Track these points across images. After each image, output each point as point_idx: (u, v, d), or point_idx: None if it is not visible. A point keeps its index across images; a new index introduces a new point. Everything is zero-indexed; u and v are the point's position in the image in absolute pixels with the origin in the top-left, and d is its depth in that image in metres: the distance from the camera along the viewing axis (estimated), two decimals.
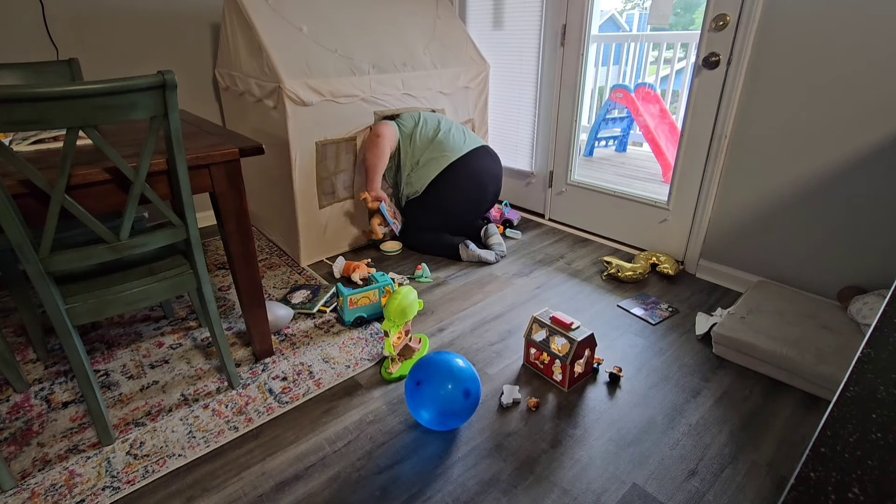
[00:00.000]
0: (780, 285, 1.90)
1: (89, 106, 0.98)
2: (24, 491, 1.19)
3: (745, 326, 1.63)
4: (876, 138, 1.61)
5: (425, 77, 2.39)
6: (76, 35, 2.19)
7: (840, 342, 1.54)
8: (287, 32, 2.10)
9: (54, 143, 1.38)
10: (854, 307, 1.65)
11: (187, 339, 1.76)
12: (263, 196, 2.47)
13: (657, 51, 3.72)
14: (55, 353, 1.69)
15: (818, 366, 1.45)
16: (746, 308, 1.72)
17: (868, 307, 1.61)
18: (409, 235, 2.40)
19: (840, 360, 1.46)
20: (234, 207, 1.40)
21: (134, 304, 1.26)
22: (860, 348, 0.50)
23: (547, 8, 2.47)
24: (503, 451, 1.31)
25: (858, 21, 1.56)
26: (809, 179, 1.78)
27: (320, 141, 2.11)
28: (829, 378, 1.43)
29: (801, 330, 1.60)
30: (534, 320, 1.57)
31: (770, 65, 1.77)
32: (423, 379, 1.30)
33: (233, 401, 1.47)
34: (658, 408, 1.45)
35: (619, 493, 1.19)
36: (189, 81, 2.55)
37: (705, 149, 2.02)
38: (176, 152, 1.16)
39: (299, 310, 1.91)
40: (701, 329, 1.72)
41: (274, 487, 1.21)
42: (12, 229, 1.03)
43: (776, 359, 1.52)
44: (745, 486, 1.20)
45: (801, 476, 0.36)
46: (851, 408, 0.42)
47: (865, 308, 1.61)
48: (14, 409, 1.45)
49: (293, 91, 1.97)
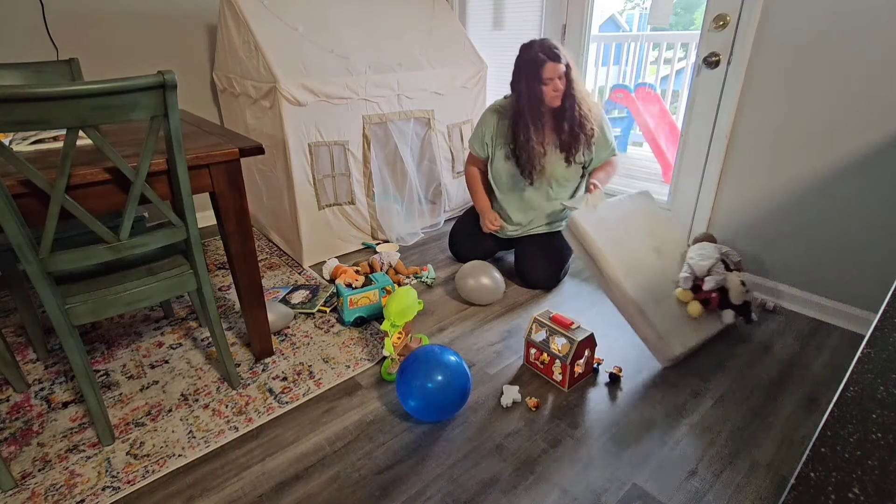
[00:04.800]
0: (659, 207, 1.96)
1: (89, 106, 0.98)
2: (24, 491, 1.19)
3: (603, 227, 1.73)
4: (876, 138, 1.61)
5: (421, 77, 2.39)
6: (76, 35, 2.19)
7: (652, 265, 1.72)
8: (283, 32, 2.10)
9: (54, 143, 1.38)
10: (693, 247, 1.77)
11: (187, 339, 1.76)
12: (263, 197, 2.47)
13: (657, 51, 3.72)
14: (55, 353, 1.69)
15: (609, 270, 1.62)
16: (614, 215, 1.81)
17: (697, 251, 1.73)
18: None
19: (635, 277, 1.64)
20: (234, 207, 1.40)
21: (134, 305, 1.26)
22: (860, 348, 0.49)
23: (547, 8, 2.47)
24: (503, 451, 1.31)
25: (858, 21, 1.56)
26: (809, 179, 1.78)
27: (313, 142, 2.11)
28: (614, 282, 1.62)
29: (632, 244, 1.74)
30: (534, 320, 1.57)
31: (770, 65, 1.77)
32: (406, 367, 1.35)
33: (233, 401, 1.47)
34: (658, 408, 1.45)
35: (619, 493, 1.19)
36: (187, 84, 2.55)
37: (705, 149, 2.02)
38: (176, 152, 1.16)
39: (299, 310, 1.91)
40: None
41: (274, 487, 1.21)
42: (12, 229, 1.03)
43: (592, 255, 1.67)
44: (745, 486, 1.20)
45: (801, 476, 0.36)
46: (851, 408, 0.42)
47: (695, 250, 1.74)
48: (14, 409, 1.45)
49: (289, 91, 1.97)
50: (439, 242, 2.53)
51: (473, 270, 1.97)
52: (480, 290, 1.94)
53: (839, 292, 1.81)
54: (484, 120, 2.10)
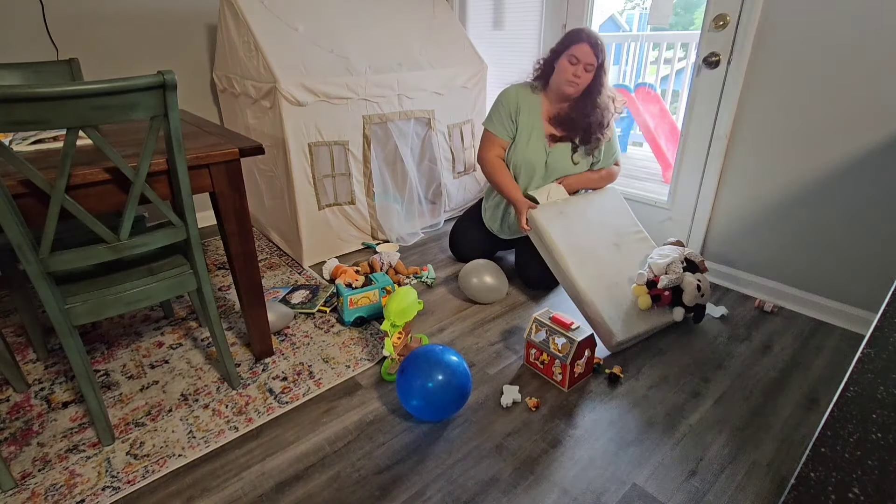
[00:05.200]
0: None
1: (89, 106, 0.98)
2: (24, 491, 1.19)
3: (561, 220, 1.83)
4: (877, 137, 1.61)
5: (421, 77, 2.39)
6: (76, 35, 2.19)
7: (609, 258, 1.82)
8: (282, 32, 2.10)
9: (54, 143, 1.38)
10: (657, 248, 1.83)
11: (187, 339, 1.76)
12: (264, 197, 2.47)
13: (657, 51, 3.72)
14: (55, 353, 1.68)
15: (568, 268, 1.73)
16: (575, 210, 1.91)
17: (658, 251, 1.78)
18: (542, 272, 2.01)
19: (588, 267, 1.75)
20: (234, 207, 1.40)
21: (134, 304, 1.26)
22: (860, 348, 0.49)
23: (547, 8, 2.47)
24: (503, 451, 1.31)
25: (858, 21, 1.56)
26: (809, 178, 1.78)
27: (313, 142, 2.11)
28: (563, 269, 1.74)
29: (590, 237, 1.84)
30: (534, 320, 1.56)
31: (770, 65, 1.77)
32: (408, 367, 1.35)
33: (233, 401, 1.47)
34: (658, 408, 1.45)
35: (619, 493, 1.19)
36: (187, 84, 2.55)
37: (705, 149, 2.02)
38: (176, 152, 1.16)
39: (299, 310, 1.91)
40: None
41: (274, 487, 1.21)
42: (12, 229, 1.03)
43: (547, 246, 1.79)
44: (745, 486, 1.20)
45: (801, 476, 0.36)
46: (851, 408, 0.42)
47: (657, 251, 1.79)
48: (14, 409, 1.45)
49: (289, 91, 1.97)
50: (439, 242, 2.53)
51: (477, 269, 1.97)
52: (484, 288, 1.94)
53: (839, 292, 1.81)
54: (506, 96, 1.98)
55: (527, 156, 1.99)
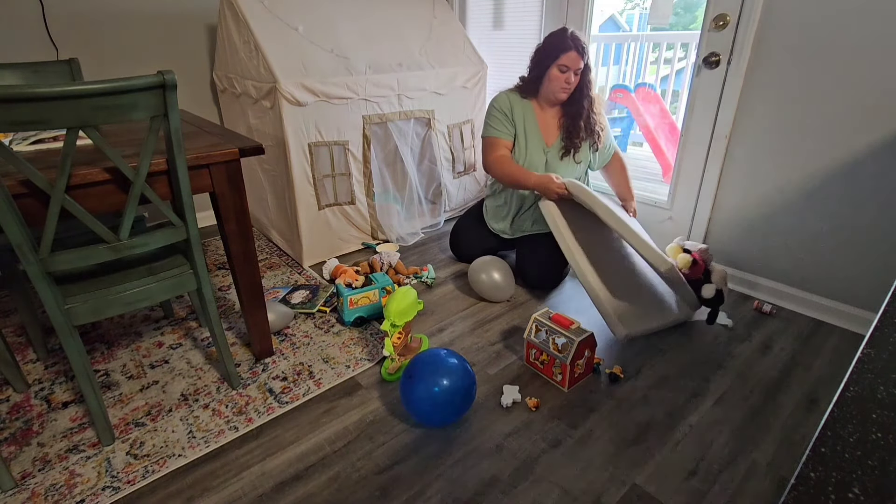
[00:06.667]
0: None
1: (89, 106, 0.98)
2: (24, 491, 1.19)
3: (577, 210, 1.83)
4: (877, 138, 1.61)
5: (421, 77, 2.39)
6: (76, 35, 2.19)
7: (624, 252, 1.86)
8: (283, 32, 2.10)
9: (54, 143, 1.38)
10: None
11: (187, 339, 1.76)
12: (263, 196, 2.47)
13: (657, 51, 3.71)
14: (55, 353, 1.68)
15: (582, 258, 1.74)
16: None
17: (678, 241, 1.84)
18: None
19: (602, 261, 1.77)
20: (234, 207, 1.40)
21: (134, 305, 1.26)
22: (860, 348, 0.49)
23: (547, 8, 2.47)
24: (503, 451, 1.31)
25: (858, 21, 1.56)
26: (809, 178, 1.78)
27: (312, 142, 2.11)
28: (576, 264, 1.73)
29: (603, 233, 1.86)
30: (534, 320, 1.56)
31: (770, 64, 1.77)
32: (415, 374, 1.32)
33: (233, 401, 1.47)
34: (658, 408, 1.45)
35: (619, 493, 1.19)
36: (187, 84, 2.55)
37: (705, 149, 2.02)
38: (176, 152, 1.16)
39: (299, 310, 1.91)
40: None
41: (274, 487, 1.21)
42: (12, 229, 1.03)
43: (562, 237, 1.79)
44: (745, 486, 1.20)
45: (801, 476, 0.36)
46: (851, 408, 0.42)
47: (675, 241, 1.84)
48: (14, 409, 1.45)
49: (289, 91, 1.97)
50: (439, 242, 2.53)
51: (486, 266, 1.98)
52: (492, 285, 1.95)
53: (839, 292, 1.81)
54: (498, 101, 2.02)
55: (527, 157, 2.02)
